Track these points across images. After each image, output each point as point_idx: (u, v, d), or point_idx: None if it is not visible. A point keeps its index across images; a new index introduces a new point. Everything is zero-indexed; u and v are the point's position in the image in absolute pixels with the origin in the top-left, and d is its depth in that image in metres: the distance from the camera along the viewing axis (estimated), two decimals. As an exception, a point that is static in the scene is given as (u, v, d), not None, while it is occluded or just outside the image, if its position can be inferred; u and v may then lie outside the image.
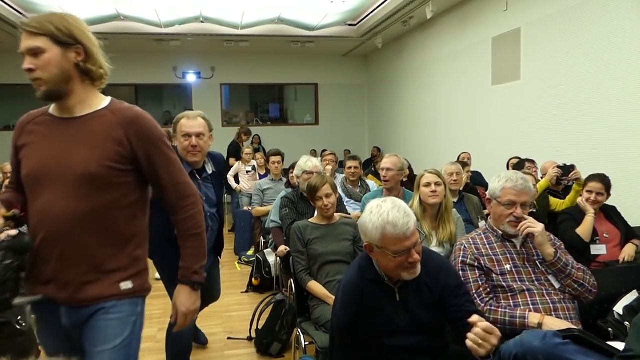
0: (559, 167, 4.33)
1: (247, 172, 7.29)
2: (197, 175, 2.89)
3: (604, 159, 5.03)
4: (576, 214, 3.72)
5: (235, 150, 8.74)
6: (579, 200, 3.75)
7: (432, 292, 2.04)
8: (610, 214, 3.80)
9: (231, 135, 10.43)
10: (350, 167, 5.00)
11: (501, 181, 2.42)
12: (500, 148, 6.96)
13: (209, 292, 3.24)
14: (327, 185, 3.25)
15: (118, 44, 10.50)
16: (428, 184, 3.16)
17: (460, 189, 4.32)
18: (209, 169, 2.98)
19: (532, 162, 5.09)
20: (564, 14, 5.77)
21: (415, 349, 2.03)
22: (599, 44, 5.26)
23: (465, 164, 5.05)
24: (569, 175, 4.28)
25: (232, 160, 8.14)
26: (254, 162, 7.41)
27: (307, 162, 4.21)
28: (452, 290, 2.04)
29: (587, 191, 3.73)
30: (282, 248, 3.93)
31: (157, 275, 4.92)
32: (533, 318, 2.14)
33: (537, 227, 2.30)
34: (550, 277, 2.31)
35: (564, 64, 5.79)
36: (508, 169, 5.34)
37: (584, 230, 3.57)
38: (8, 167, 5.72)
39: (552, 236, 2.46)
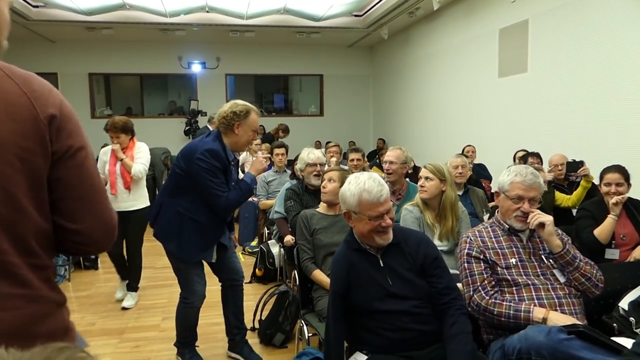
0: (568, 162, 4.27)
1: (254, 163, 7.28)
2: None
3: (615, 151, 4.98)
4: (596, 211, 3.46)
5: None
6: (612, 201, 3.32)
7: (414, 259, 2.21)
8: (633, 211, 3.45)
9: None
10: (352, 160, 4.99)
11: (510, 175, 2.39)
12: (506, 141, 6.92)
13: (226, 264, 3.33)
14: (335, 172, 3.28)
15: (123, 33, 10.50)
16: (420, 178, 3.18)
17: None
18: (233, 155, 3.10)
19: (537, 155, 5.05)
20: (571, 5, 5.72)
21: (411, 313, 2.13)
22: (607, 35, 5.22)
23: (466, 156, 5.03)
24: (578, 172, 4.22)
25: None
26: (260, 154, 7.40)
27: (310, 155, 4.20)
28: (432, 261, 2.21)
29: (605, 184, 3.43)
30: (289, 238, 3.94)
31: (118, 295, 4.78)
32: (538, 313, 2.13)
33: (547, 217, 2.30)
34: (555, 272, 2.30)
35: (572, 55, 5.75)
36: (515, 162, 5.30)
37: (602, 232, 3.32)
38: None
39: (559, 230, 2.45)
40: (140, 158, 4.46)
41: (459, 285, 2.35)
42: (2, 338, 0.85)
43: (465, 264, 2.35)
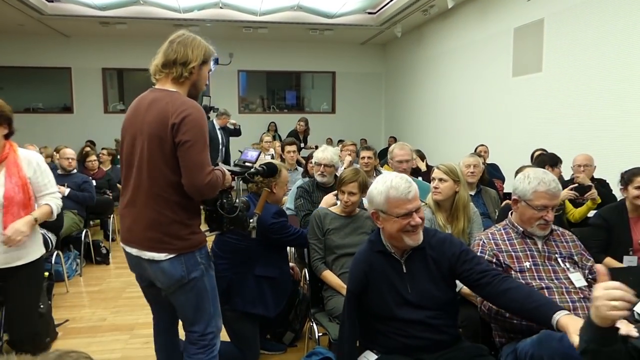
0: (575, 188, 4.19)
1: (267, 160, 7.30)
2: None
3: (634, 153, 4.91)
4: (612, 218, 3.33)
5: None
6: None
7: (438, 265, 2.12)
8: None
9: (247, 121, 10.42)
10: (364, 157, 4.95)
11: (532, 182, 2.30)
12: (521, 141, 6.87)
13: None
14: (354, 183, 3.16)
15: (137, 28, 10.54)
16: (433, 179, 3.15)
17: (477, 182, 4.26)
18: None
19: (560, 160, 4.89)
20: (588, 4, 5.65)
21: (425, 324, 2.08)
22: (624, 35, 5.15)
23: (479, 155, 4.95)
24: (584, 196, 4.17)
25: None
26: (272, 151, 7.41)
27: (319, 153, 4.18)
28: (458, 256, 2.11)
29: (636, 187, 3.27)
30: None
31: None
32: (550, 315, 2.10)
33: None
34: (571, 276, 2.26)
35: (588, 55, 5.68)
36: (532, 161, 5.22)
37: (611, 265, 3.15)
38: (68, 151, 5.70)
39: (587, 254, 2.40)
40: (47, 183, 2.78)
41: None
42: (148, 225, 2.16)
43: (478, 268, 2.32)
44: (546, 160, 4.71)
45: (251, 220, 2.42)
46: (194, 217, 2.25)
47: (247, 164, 2.53)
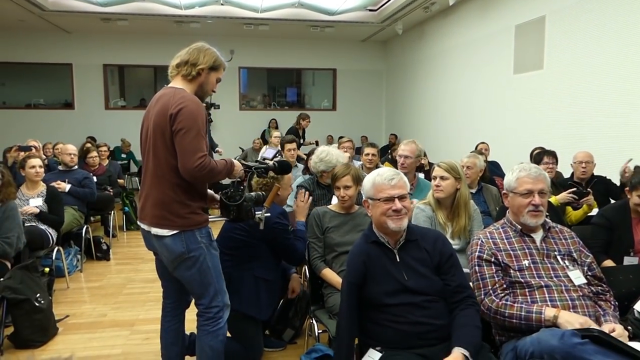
0: (574, 192, 4.20)
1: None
2: None
3: (635, 149, 4.89)
4: (615, 218, 3.29)
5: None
6: None
7: (430, 256, 2.25)
8: None
9: (248, 118, 10.38)
10: (367, 154, 4.95)
11: (514, 172, 2.41)
12: (522, 138, 6.86)
13: None
14: (347, 176, 3.19)
15: (138, 25, 10.53)
16: (434, 177, 3.16)
17: (478, 180, 4.24)
18: None
19: (553, 155, 4.92)
20: (589, 1, 5.64)
21: (423, 307, 2.15)
22: (625, 32, 5.15)
23: (480, 153, 4.94)
24: (580, 201, 4.18)
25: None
26: (279, 147, 7.41)
27: (339, 159, 4.11)
28: (447, 258, 2.25)
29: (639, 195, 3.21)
30: None
31: None
32: (549, 312, 2.10)
33: None
34: (570, 273, 2.26)
35: (590, 52, 5.67)
36: (531, 159, 5.22)
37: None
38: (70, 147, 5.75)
39: (586, 251, 2.41)
40: None
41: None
42: (154, 204, 2.44)
43: (476, 267, 2.32)
44: (540, 157, 4.75)
45: (258, 213, 2.62)
46: (194, 199, 2.46)
47: (265, 160, 2.76)
